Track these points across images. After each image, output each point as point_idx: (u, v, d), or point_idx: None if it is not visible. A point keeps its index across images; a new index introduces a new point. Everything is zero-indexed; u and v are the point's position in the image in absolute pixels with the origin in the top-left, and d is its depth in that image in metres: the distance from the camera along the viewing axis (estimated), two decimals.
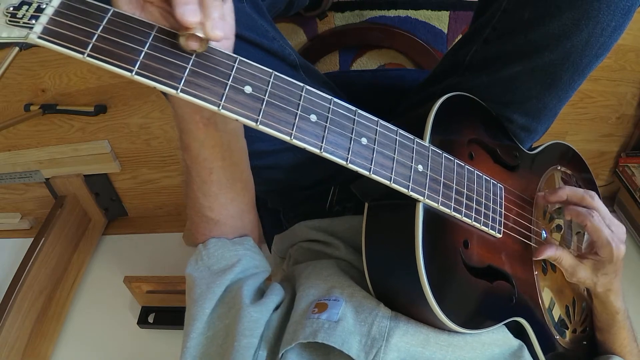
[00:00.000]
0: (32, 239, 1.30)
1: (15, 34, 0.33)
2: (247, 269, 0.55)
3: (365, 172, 0.43)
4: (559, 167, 0.70)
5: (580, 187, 0.71)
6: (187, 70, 0.36)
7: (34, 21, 0.33)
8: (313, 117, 0.41)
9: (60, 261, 1.35)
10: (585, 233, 0.62)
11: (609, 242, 0.54)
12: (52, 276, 1.31)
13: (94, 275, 1.44)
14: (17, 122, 1.18)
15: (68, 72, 1.17)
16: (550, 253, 0.56)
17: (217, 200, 0.54)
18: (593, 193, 0.57)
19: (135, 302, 1.29)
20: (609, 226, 0.55)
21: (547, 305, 0.60)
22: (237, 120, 0.38)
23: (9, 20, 0.33)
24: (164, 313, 1.26)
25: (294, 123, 0.40)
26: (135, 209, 1.57)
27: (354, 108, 0.44)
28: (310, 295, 0.53)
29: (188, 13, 0.34)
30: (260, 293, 0.54)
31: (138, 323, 1.25)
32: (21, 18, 0.33)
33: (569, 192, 0.58)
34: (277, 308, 0.54)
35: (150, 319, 1.26)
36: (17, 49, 0.89)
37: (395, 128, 0.47)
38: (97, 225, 1.53)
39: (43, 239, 1.30)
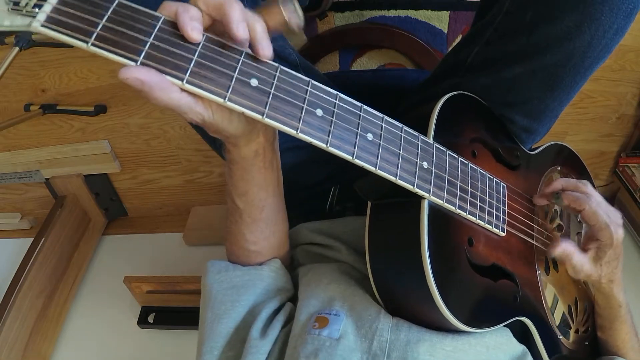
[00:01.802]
0: (32, 239, 1.30)
1: (18, 22, 0.33)
2: (269, 290, 0.56)
3: (371, 168, 0.43)
4: (559, 168, 0.70)
5: None
6: (193, 61, 0.36)
7: (37, 9, 0.33)
8: (319, 112, 0.41)
9: (60, 261, 1.35)
10: (583, 226, 0.62)
11: (607, 224, 0.54)
12: (52, 276, 1.31)
13: (94, 275, 1.44)
14: (17, 122, 1.18)
15: (68, 72, 1.16)
16: (567, 247, 0.55)
17: (263, 234, 0.56)
18: (586, 181, 0.58)
19: (135, 302, 1.29)
20: (605, 211, 0.55)
21: (550, 305, 0.60)
22: (243, 112, 0.37)
23: (12, 8, 0.33)
24: (164, 313, 1.26)
25: (301, 117, 0.40)
26: (135, 209, 1.57)
27: (359, 104, 0.44)
28: (311, 306, 0.53)
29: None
30: (276, 314, 0.55)
31: (138, 323, 1.25)
32: (24, 6, 0.33)
33: (563, 182, 0.59)
34: (285, 325, 0.54)
35: (150, 319, 1.26)
36: (17, 49, 0.89)
37: (400, 125, 0.47)
38: (97, 225, 1.53)
39: (43, 239, 1.30)
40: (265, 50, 0.38)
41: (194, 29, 0.35)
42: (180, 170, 1.41)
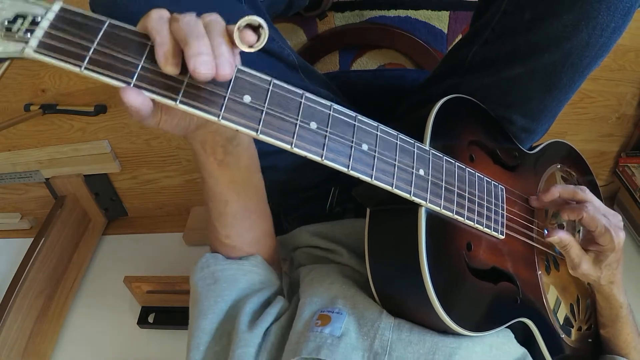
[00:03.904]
0: (32, 239, 1.30)
1: (11, 48, 0.32)
2: (253, 284, 0.56)
3: (367, 179, 0.43)
4: (559, 166, 0.70)
5: (579, 183, 0.71)
6: (185, 82, 0.36)
7: (29, 35, 0.32)
8: (313, 125, 0.41)
9: (60, 261, 1.35)
10: (581, 229, 0.62)
11: (607, 229, 0.54)
12: (52, 276, 1.31)
13: (94, 275, 1.44)
14: (17, 122, 1.18)
15: (68, 72, 1.15)
16: (562, 235, 0.55)
17: (234, 229, 0.56)
18: (584, 187, 0.58)
19: (135, 302, 1.29)
20: (604, 215, 0.55)
21: (552, 305, 0.60)
22: (237, 130, 0.38)
23: (4, 35, 0.32)
24: (164, 313, 1.26)
25: (295, 132, 0.39)
26: (135, 209, 1.57)
27: (353, 114, 0.44)
28: (314, 304, 0.53)
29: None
30: (264, 307, 0.55)
31: (138, 323, 1.25)
32: (16, 32, 0.32)
33: (560, 189, 0.59)
34: (277, 319, 0.54)
35: (150, 319, 1.26)
36: None
37: (395, 133, 0.47)
38: (97, 225, 1.53)
39: (43, 239, 1.30)
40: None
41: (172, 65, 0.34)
42: (180, 170, 1.41)
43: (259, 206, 0.58)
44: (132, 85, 0.34)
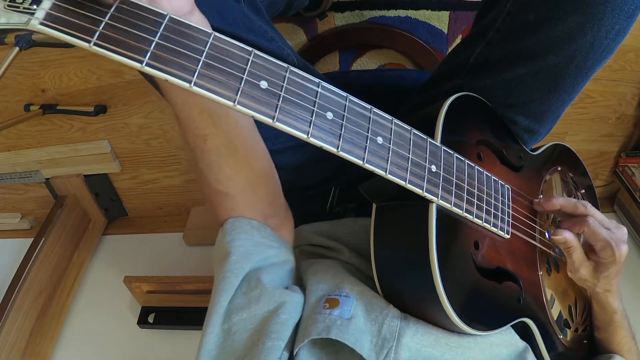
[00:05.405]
0: (32, 239, 1.30)
1: (15, 19, 0.30)
2: (265, 257, 0.54)
3: (381, 173, 0.42)
4: (559, 169, 0.70)
5: (577, 187, 0.71)
6: (201, 62, 0.34)
7: (35, 6, 0.31)
8: (329, 115, 0.39)
9: (60, 261, 1.35)
10: (582, 237, 0.62)
11: (609, 242, 0.54)
12: (52, 276, 1.31)
13: (94, 275, 1.44)
14: (17, 122, 1.18)
15: (68, 72, 1.16)
16: (568, 235, 0.55)
17: (222, 171, 0.52)
18: (586, 202, 0.57)
19: (135, 302, 1.29)
20: (607, 228, 0.55)
21: (551, 306, 0.60)
22: (253, 117, 0.36)
23: (8, 5, 0.31)
24: (164, 313, 1.26)
25: (311, 120, 0.38)
26: (135, 209, 1.57)
27: (368, 106, 0.43)
28: (320, 289, 0.52)
29: None
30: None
31: (138, 323, 1.25)
32: (21, 3, 0.31)
33: (562, 201, 0.58)
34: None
35: (150, 319, 1.26)
36: (17, 48, 0.89)
37: (409, 127, 0.46)
38: (97, 225, 1.53)
39: (43, 239, 1.30)
40: None
41: None
42: (180, 170, 1.41)
43: (246, 143, 0.54)
44: (144, 64, 0.33)
